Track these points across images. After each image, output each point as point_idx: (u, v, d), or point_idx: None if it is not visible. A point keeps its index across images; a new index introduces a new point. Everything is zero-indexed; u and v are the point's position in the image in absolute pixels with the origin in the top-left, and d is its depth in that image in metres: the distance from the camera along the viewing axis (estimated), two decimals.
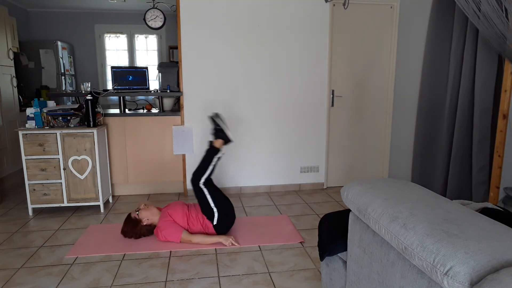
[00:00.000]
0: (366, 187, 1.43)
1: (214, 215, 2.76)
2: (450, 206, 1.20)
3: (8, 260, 2.51)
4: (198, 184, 2.79)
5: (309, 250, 2.65)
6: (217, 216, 2.76)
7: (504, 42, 2.38)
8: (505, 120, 2.63)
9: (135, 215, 2.80)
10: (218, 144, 2.91)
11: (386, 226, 1.18)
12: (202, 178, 2.80)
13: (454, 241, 0.96)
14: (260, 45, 3.86)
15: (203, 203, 2.79)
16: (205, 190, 2.79)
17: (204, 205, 2.79)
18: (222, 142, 2.92)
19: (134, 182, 3.94)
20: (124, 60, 7.07)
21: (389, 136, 4.28)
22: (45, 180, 3.27)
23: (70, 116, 3.32)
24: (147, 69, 4.10)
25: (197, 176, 2.81)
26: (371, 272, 1.32)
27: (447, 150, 3.19)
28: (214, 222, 2.76)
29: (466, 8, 2.49)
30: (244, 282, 2.23)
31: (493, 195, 2.73)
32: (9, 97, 4.52)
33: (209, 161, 2.85)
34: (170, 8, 5.41)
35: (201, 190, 2.79)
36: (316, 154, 4.15)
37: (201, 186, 2.79)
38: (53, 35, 6.54)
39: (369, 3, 4.00)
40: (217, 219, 2.76)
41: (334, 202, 3.74)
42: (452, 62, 3.08)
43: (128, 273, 2.33)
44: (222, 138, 2.92)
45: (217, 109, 3.89)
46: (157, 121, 3.86)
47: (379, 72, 4.14)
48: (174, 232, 2.70)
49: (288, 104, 4.00)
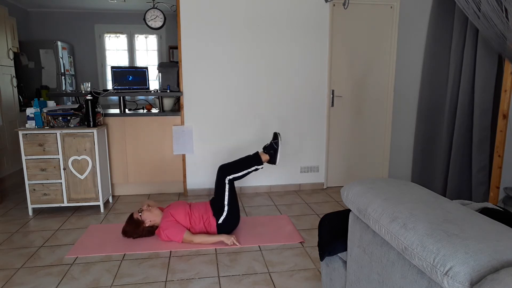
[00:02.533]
0: (366, 187, 1.43)
1: (223, 212, 2.78)
2: (450, 206, 1.20)
3: (8, 260, 2.51)
4: (225, 178, 2.81)
5: (309, 250, 2.65)
6: (225, 215, 2.78)
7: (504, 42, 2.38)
8: (505, 120, 2.63)
9: (138, 216, 2.79)
10: (264, 158, 2.93)
11: (386, 226, 1.18)
12: (232, 175, 2.82)
13: (454, 241, 0.96)
14: (260, 45, 3.86)
15: (218, 197, 2.82)
16: (227, 186, 2.81)
17: (218, 199, 2.81)
18: (267, 159, 2.95)
19: (134, 182, 3.94)
20: (124, 60, 7.07)
21: (389, 136, 4.28)
22: (45, 180, 3.27)
23: (70, 116, 3.31)
24: (147, 69, 4.10)
25: (228, 171, 2.83)
26: (371, 272, 1.32)
27: (447, 150, 3.19)
28: (220, 220, 2.77)
29: (466, 8, 2.49)
30: (244, 282, 2.23)
31: (493, 195, 2.73)
32: (9, 97, 4.52)
33: (247, 165, 2.87)
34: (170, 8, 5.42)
35: (224, 184, 2.81)
36: (316, 154, 4.15)
37: (226, 181, 2.81)
38: (53, 35, 6.54)
39: (369, 3, 4.00)
40: (224, 218, 2.78)
41: (334, 202, 3.74)
42: (452, 62, 3.08)
43: (128, 273, 2.33)
44: (270, 156, 2.95)
45: (217, 109, 3.89)
46: (157, 121, 3.86)
47: (379, 72, 4.14)
48: (177, 232, 2.70)
49: (288, 104, 4.00)
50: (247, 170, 2.86)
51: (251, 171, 2.88)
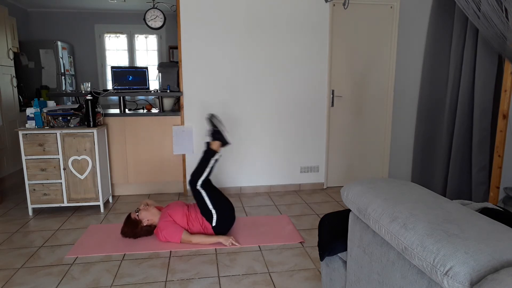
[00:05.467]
0: (366, 187, 1.43)
1: (212, 217, 2.75)
2: (450, 206, 1.20)
3: (8, 260, 2.51)
4: (196, 186, 2.78)
5: (309, 250, 2.65)
6: (216, 217, 2.75)
7: (504, 42, 2.38)
8: (505, 120, 2.63)
9: (135, 215, 2.80)
10: (215, 146, 2.87)
11: (386, 226, 1.18)
12: (200, 180, 2.78)
13: (454, 241, 0.96)
14: (260, 45, 3.86)
15: (201, 205, 2.78)
16: (203, 192, 2.77)
17: (202, 207, 2.78)
18: (219, 144, 2.88)
19: (134, 182, 3.94)
20: (124, 60, 7.07)
21: (389, 136, 4.28)
22: (45, 180, 3.27)
23: (70, 116, 3.31)
24: (147, 69, 4.10)
25: (194, 178, 2.79)
26: (371, 272, 1.32)
27: (447, 150, 3.19)
28: (213, 223, 2.76)
29: (466, 8, 2.49)
30: (244, 282, 2.23)
31: (493, 195, 2.73)
32: (9, 97, 4.52)
33: (206, 163, 2.82)
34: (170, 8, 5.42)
35: (199, 192, 2.77)
36: (316, 154, 4.15)
37: (199, 188, 2.77)
38: (53, 35, 6.54)
39: (369, 3, 4.00)
40: (215, 220, 2.75)
41: (334, 202, 3.74)
42: (452, 62, 3.08)
43: (128, 273, 2.33)
44: (219, 140, 2.88)
45: (217, 109, 3.89)
46: (157, 121, 3.86)
47: (379, 72, 4.14)
48: (174, 233, 2.70)
49: (288, 104, 4.00)
50: (208, 167, 2.81)
51: (212, 165, 2.83)
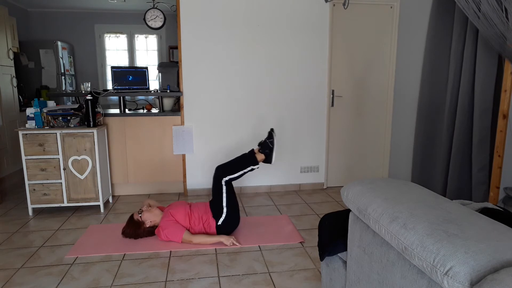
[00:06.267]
0: (366, 187, 1.43)
1: (222, 214, 2.77)
2: (450, 206, 1.20)
3: (8, 260, 2.51)
4: (221, 180, 2.79)
5: (309, 250, 2.65)
6: (224, 216, 2.77)
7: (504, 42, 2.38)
8: (505, 120, 2.63)
9: (138, 217, 2.79)
10: (259, 158, 2.90)
11: (386, 226, 1.18)
12: (228, 177, 2.79)
13: (454, 241, 0.96)
14: (260, 45, 3.86)
15: (216, 199, 2.80)
16: (224, 188, 2.79)
17: (216, 201, 2.79)
18: (263, 158, 2.91)
19: (134, 182, 3.94)
20: (124, 60, 7.07)
21: (389, 136, 4.28)
22: (45, 180, 3.27)
23: (70, 116, 3.31)
24: (147, 69, 4.10)
25: (224, 172, 2.80)
26: (371, 272, 1.32)
27: (447, 150, 3.19)
28: (219, 222, 2.77)
29: (466, 8, 2.49)
30: (244, 282, 2.23)
31: (493, 195, 2.73)
32: (9, 97, 4.52)
33: (243, 166, 2.84)
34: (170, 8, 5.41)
35: (221, 186, 2.79)
36: (316, 154, 4.15)
37: (223, 183, 2.79)
38: (53, 35, 6.54)
39: (369, 3, 4.00)
40: (223, 219, 2.77)
41: (334, 202, 3.74)
42: (452, 62, 3.08)
43: (128, 273, 2.33)
44: (266, 156, 2.91)
45: (217, 109, 3.89)
46: (157, 121, 3.86)
47: (379, 72, 4.14)
48: (176, 232, 2.70)
49: (288, 104, 4.00)
50: (243, 170, 2.83)
51: (247, 171, 2.85)
